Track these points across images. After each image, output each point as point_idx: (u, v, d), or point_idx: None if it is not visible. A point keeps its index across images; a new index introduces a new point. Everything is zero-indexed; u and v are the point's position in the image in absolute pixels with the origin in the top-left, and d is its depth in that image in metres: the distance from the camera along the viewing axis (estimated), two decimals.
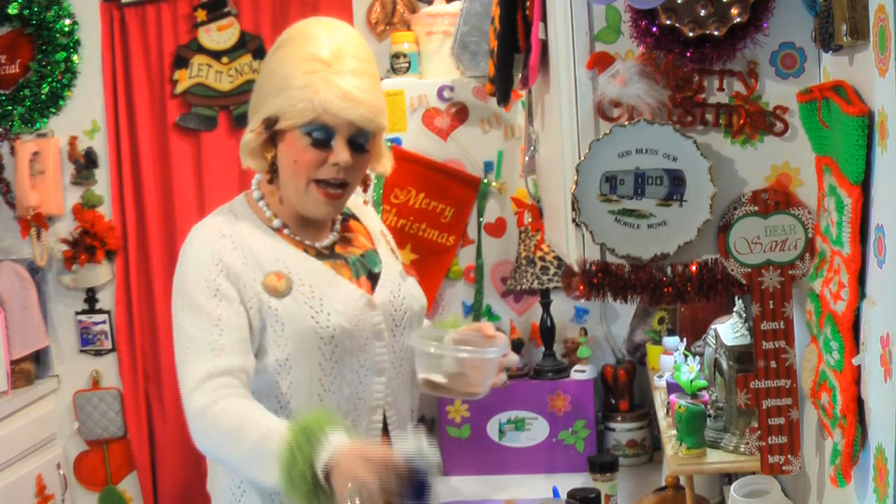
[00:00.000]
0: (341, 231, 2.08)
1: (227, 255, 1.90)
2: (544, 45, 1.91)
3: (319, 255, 2.00)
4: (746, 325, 2.00)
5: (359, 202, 2.19)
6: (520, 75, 2.15)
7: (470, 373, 1.92)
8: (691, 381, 2.15)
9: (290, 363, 1.90)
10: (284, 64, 1.92)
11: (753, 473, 1.97)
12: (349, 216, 2.13)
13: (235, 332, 1.85)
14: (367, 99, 1.89)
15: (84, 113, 3.49)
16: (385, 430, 2.02)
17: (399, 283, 2.05)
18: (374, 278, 2.03)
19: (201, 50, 3.39)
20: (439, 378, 1.91)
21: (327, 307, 1.91)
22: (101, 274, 3.49)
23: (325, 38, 1.91)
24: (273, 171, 1.96)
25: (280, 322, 1.89)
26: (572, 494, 2.21)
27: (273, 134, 1.93)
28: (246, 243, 1.93)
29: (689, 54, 1.64)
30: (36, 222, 3.46)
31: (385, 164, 2.06)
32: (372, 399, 1.98)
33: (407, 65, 3.03)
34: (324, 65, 1.88)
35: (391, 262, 2.08)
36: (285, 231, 1.99)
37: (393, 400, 2.02)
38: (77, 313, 3.56)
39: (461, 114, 2.97)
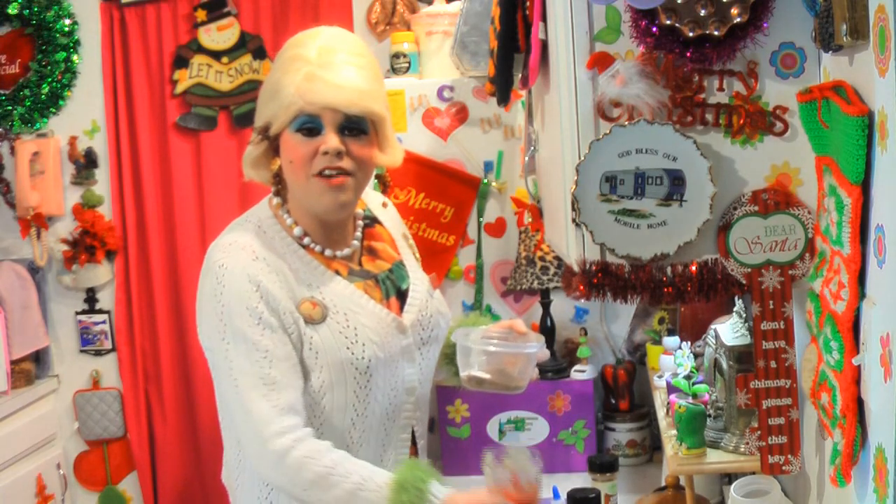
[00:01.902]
0: (365, 238, 2.03)
1: (264, 279, 1.84)
2: (544, 45, 1.91)
3: (351, 273, 1.96)
4: (746, 325, 2.00)
5: (378, 204, 2.14)
6: (520, 75, 2.15)
7: (511, 368, 1.91)
8: (687, 379, 2.15)
9: (325, 390, 1.87)
10: (274, 73, 1.91)
11: (753, 473, 1.97)
12: (372, 220, 2.09)
13: (284, 363, 1.82)
14: (352, 84, 1.85)
15: (84, 113, 3.49)
16: (413, 443, 2.02)
17: (427, 301, 2.02)
18: (402, 296, 2.00)
19: (201, 50, 3.39)
20: (485, 375, 1.91)
21: (362, 337, 1.88)
22: (101, 274, 3.49)
23: (311, 41, 1.89)
24: (278, 183, 1.93)
25: (314, 350, 1.86)
26: (572, 494, 2.21)
27: (276, 145, 1.90)
28: (279, 266, 1.88)
29: (689, 54, 1.64)
30: (36, 222, 3.46)
31: (393, 155, 1.98)
32: (402, 418, 1.97)
33: (407, 65, 3.03)
34: (307, 62, 1.85)
35: (418, 276, 2.05)
36: (306, 240, 1.93)
37: (420, 415, 2.02)
38: (77, 313, 3.56)
39: (461, 114, 2.98)
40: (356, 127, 1.87)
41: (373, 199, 2.11)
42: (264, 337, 1.81)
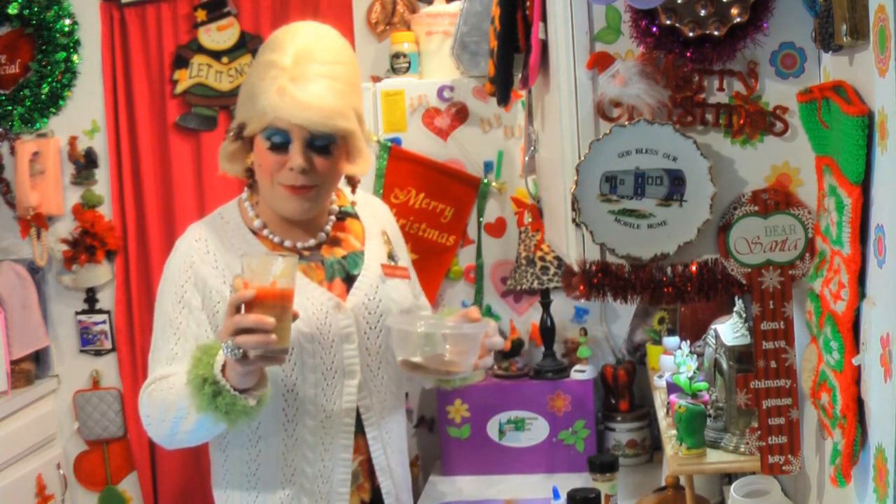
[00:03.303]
0: (333, 231, 2.11)
1: (199, 260, 2.00)
2: (544, 45, 1.91)
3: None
4: (746, 325, 2.00)
5: (367, 200, 2.23)
6: (520, 75, 2.15)
7: (447, 351, 1.92)
8: (690, 380, 2.15)
9: None
10: (253, 73, 2.00)
11: (753, 473, 1.97)
12: (344, 215, 2.15)
13: (191, 341, 1.95)
14: (320, 103, 1.91)
15: (84, 113, 3.49)
16: (361, 431, 2.04)
17: (376, 286, 2.08)
18: (351, 280, 2.07)
19: (201, 50, 3.39)
20: (416, 358, 1.92)
21: None
22: (101, 274, 3.49)
23: (289, 45, 1.96)
24: (251, 176, 2.04)
25: None
26: (572, 494, 2.21)
27: (250, 141, 2.00)
28: (220, 247, 2.02)
29: (689, 54, 1.64)
30: (36, 222, 3.46)
31: (361, 166, 2.06)
32: (343, 401, 2.02)
33: (407, 65, 3.03)
34: (282, 71, 1.92)
35: (374, 264, 2.10)
36: (264, 232, 2.05)
37: (370, 402, 2.04)
38: (77, 313, 3.56)
39: (461, 114, 2.97)
40: (322, 144, 1.95)
41: (350, 196, 2.19)
42: (181, 315, 1.98)
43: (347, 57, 2.01)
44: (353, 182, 2.12)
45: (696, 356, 2.27)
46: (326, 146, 1.96)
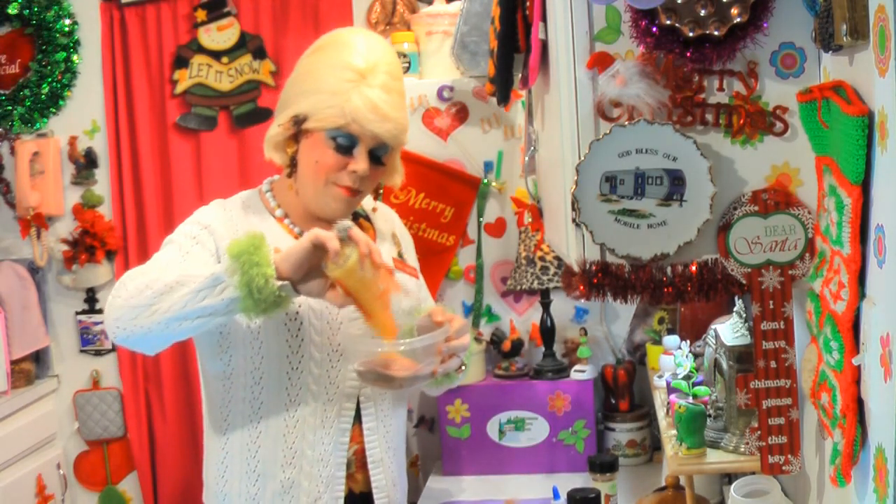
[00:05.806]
0: None
1: (220, 222, 2.04)
2: (544, 45, 1.91)
3: None
4: (746, 325, 2.00)
5: (377, 206, 2.28)
6: (520, 75, 2.15)
7: (384, 367, 1.93)
8: (687, 379, 2.15)
9: (261, 337, 1.98)
10: (319, 67, 2.02)
11: (753, 473, 1.97)
12: (361, 216, 2.21)
13: (195, 269, 1.89)
14: (394, 115, 2.00)
15: (84, 113, 3.49)
16: (359, 420, 2.06)
17: None
18: None
19: (201, 50, 3.39)
20: (358, 367, 1.95)
21: None
22: (101, 274, 3.49)
23: (361, 48, 2.01)
24: (293, 166, 2.06)
25: None
26: (572, 494, 2.21)
27: (298, 131, 2.02)
28: (242, 219, 2.06)
29: (689, 54, 1.64)
30: (36, 222, 3.46)
31: (397, 179, 2.17)
32: (345, 386, 2.04)
33: (407, 65, 3.03)
34: (358, 74, 1.97)
35: (385, 258, 2.11)
36: (286, 221, 2.09)
37: (370, 392, 2.05)
38: (77, 313, 3.56)
39: (461, 114, 2.97)
40: (381, 153, 2.04)
41: (367, 201, 2.24)
42: (193, 248, 1.98)
43: (401, 72, 2.10)
44: (377, 189, 2.16)
45: (692, 356, 2.27)
46: (383, 156, 2.05)
